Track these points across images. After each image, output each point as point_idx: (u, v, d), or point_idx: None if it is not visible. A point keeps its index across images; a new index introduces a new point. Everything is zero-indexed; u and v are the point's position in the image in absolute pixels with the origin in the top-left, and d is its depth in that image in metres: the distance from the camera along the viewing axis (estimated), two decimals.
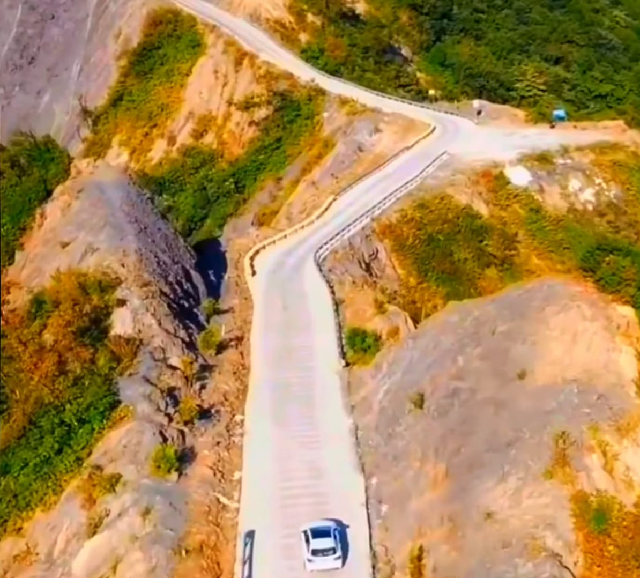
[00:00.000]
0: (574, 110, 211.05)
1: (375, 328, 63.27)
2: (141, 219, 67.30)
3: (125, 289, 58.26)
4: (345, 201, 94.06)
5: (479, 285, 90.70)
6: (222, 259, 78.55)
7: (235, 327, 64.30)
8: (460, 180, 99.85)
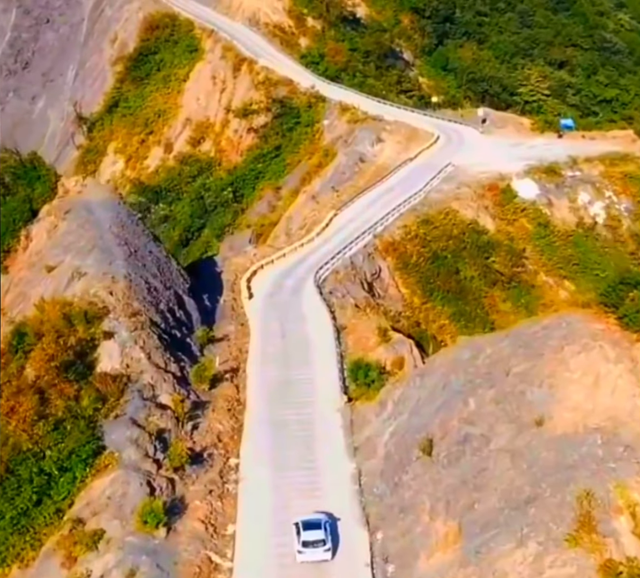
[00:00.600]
0: (579, 116, 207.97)
1: (379, 358, 59.72)
2: (131, 241, 63.69)
3: (113, 320, 54.62)
4: (347, 216, 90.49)
5: (485, 304, 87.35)
6: (217, 280, 74.93)
7: (231, 357, 60.69)
8: (465, 194, 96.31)
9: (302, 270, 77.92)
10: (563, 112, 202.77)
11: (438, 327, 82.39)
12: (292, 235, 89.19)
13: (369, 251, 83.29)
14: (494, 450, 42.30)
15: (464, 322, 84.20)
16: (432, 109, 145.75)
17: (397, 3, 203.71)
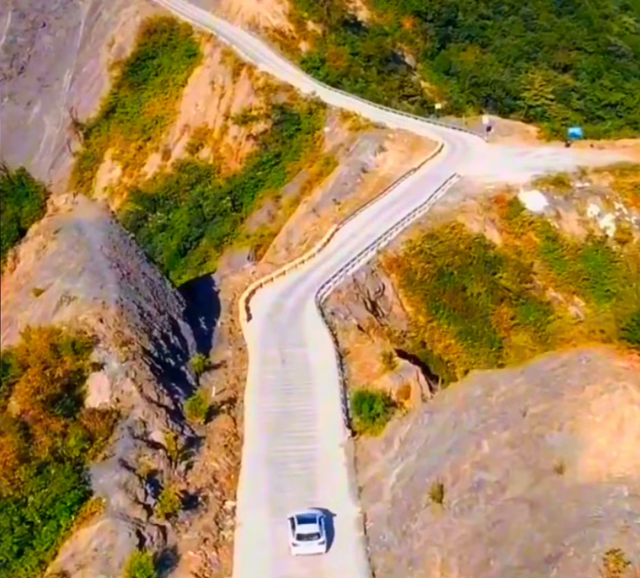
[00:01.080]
0: (584, 120, 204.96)
1: (384, 387, 56.69)
2: (124, 263, 60.64)
3: (103, 350, 51.54)
4: (349, 231, 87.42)
5: (492, 322, 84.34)
6: (215, 301, 71.82)
7: (228, 386, 57.61)
8: (471, 207, 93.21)
9: (302, 289, 74.84)
10: (568, 116, 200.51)
11: (444, 347, 79.43)
12: (293, 250, 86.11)
13: (372, 268, 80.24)
14: (510, 500, 39.23)
15: (470, 341, 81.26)
16: (436, 115, 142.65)
17: (399, 6, 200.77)
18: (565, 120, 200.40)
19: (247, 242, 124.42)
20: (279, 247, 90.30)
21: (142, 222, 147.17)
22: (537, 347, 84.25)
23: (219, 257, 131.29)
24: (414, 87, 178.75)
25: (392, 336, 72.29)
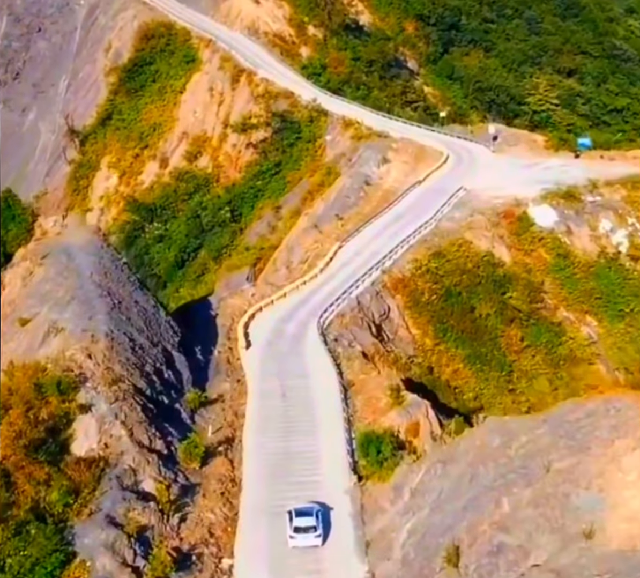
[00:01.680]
0: (589, 126, 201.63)
1: (392, 424, 53.26)
2: (115, 291, 57.16)
3: (91, 390, 48.06)
4: (352, 249, 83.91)
5: (502, 345, 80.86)
6: (212, 326, 68.33)
7: (225, 424, 54.11)
8: (479, 222, 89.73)
9: (304, 312, 71.33)
10: (574, 121, 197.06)
11: (452, 372, 75.99)
12: (294, 269, 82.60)
13: (377, 289, 76.73)
14: (534, 567, 35.73)
15: (479, 365, 77.83)
16: (440, 124, 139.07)
17: (401, 10, 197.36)
18: (571, 125, 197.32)
19: (247, 255, 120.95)
20: (280, 264, 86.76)
21: (139, 233, 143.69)
22: (549, 370, 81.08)
23: (218, 270, 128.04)
24: (417, 92, 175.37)
25: (399, 363, 68.81)
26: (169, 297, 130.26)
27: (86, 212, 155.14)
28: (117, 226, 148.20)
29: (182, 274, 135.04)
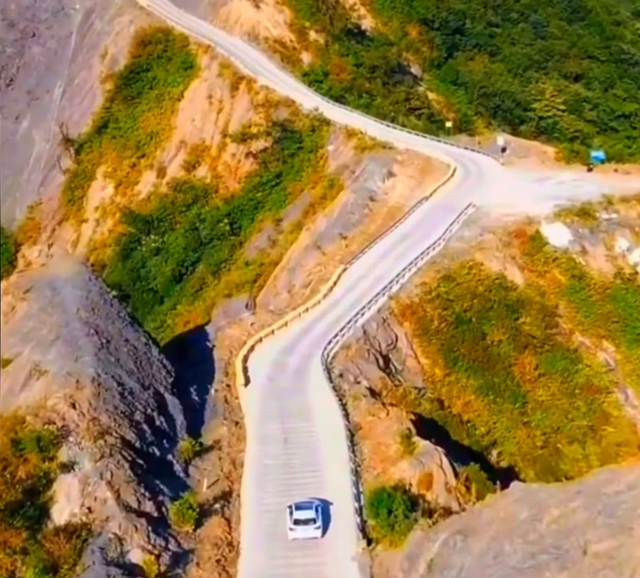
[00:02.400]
0: (596, 132, 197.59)
1: (403, 476, 49.11)
2: (103, 329, 52.92)
3: (74, 445, 43.86)
4: (357, 272, 79.65)
5: (516, 374, 76.60)
6: (209, 360, 64.04)
7: (222, 475, 49.89)
8: (490, 242, 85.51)
9: (307, 343, 67.12)
10: (581, 128, 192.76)
11: (463, 404, 71.77)
12: (295, 294, 78.36)
13: (384, 316, 72.51)
14: None
15: (492, 396, 73.63)
16: (446, 134, 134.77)
17: (404, 14, 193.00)
18: (578, 132, 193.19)
19: (246, 271, 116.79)
20: (280, 287, 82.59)
21: (135, 245, 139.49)
22: (564, 400, 76.88)
23: (217, 286, 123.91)
24: (421, 99, 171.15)
25: (408, 398, 64.55)
26: (165, 313, 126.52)
27: (81, 223, 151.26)
28: (112, 238, 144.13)
29: (180, 288, 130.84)
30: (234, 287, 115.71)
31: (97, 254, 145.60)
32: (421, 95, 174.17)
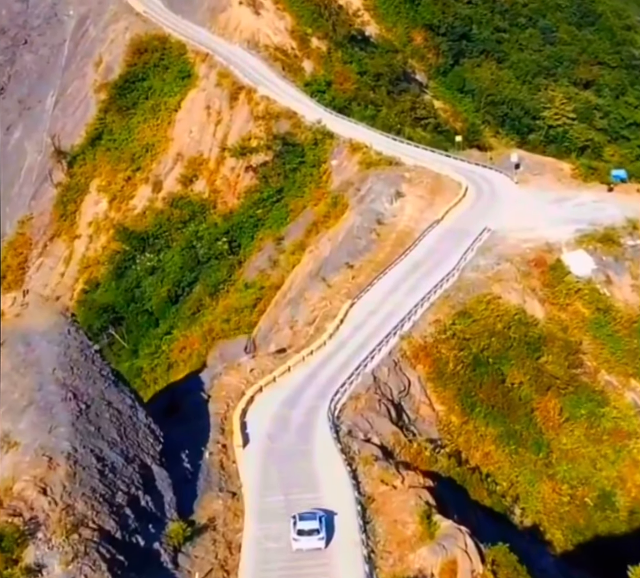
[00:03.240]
0: (607, 141, 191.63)
1: (424, 566, 43.09)
2: (83, 391, 46.81)
3: (43, 544, 37.75)
4: (365, 307, 73.51)
5: (538, 419, 70.48)
6: (203, 415, 57.81)
7: (217, 564, 43.76)
8: (508, 273, 79.38)
9: (312, 393, 61.05)
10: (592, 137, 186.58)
11: (482, 456, 65.70)
12: (298, 332, 72.20)
13: (395, 359, 66.43)
14: None
15: (513, 445, 67.54)
16: (456, 148, 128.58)
17: (409, 19, 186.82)
18: (588, 141, 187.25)
19: (246, 295, 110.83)
20: (282, 322, 76.42)
21: (130, 263, 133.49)
22: (591, 448, 70.77)
23: (215, 308, 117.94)
24: (427, 108, 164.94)
25: (423, 455, 58.49)
26: (160, 338, 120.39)
27: (74, 239, 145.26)
28: (106, 256, 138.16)
29: (176, 310, 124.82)
30: (233, 311, 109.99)
31: (91, 272, 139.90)
32: (427, 104, 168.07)
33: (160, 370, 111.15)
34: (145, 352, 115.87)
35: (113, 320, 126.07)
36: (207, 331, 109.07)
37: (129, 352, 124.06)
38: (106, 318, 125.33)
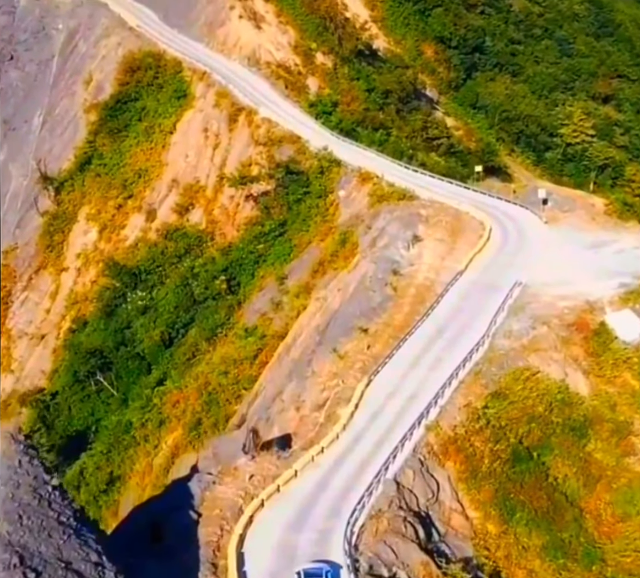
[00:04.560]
0: (628, 159, 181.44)
1: None
2: (33, 551, 36.48)
3: None
4: (383, 387, 63.12)
5: (588, 523, 60.07)
6: (191, 544, 47.38)
7: None
8: (546, 339, 69.09)
9: (323, 509, 50.80)
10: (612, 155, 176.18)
11: (526, 575, 55.31)
12: (306, 417, 61.82)
13: (421, 457, 56.16)
14: None
15: (561, 559, 57.12)
16: (475, 179, 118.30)
17: (419, 32, 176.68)
18: (609, 159, 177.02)
19: (246, 344, 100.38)
20: (287, 401, 65.94)
21: (120, 301, 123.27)
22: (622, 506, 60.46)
23: (212, 355, 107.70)
24: (439, 128, 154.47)
25: None
26: (153, 387, 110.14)
27: (61, 272, 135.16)
28: (95, 291, 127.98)
29: (170, 355, 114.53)
30: (232, 363, 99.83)
31: (79, 309, 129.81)
32: (439, 123, 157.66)
33: (151, 426, 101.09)
34: (135, 405, 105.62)
35: (101, 365, 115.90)
36: (203, 384, 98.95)
37: (118, 400, 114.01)
38: (94, 364, 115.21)
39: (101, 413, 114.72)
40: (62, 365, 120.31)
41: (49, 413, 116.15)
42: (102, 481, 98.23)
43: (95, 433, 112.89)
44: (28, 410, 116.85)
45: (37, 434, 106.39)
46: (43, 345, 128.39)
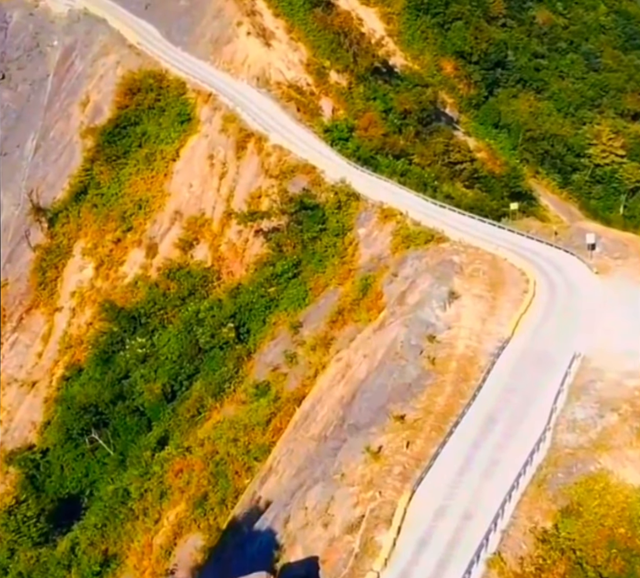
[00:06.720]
0: None
1: None
2: None
3: None
4: (430, 502, 52.04)
5: None
6: None
7: None
8: (618, 433, 58.11)
9: None
10: None
11: None
12: (336, 540, 50.75)
13: None
14: None
15: None
16: (511, 218, 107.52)
17: (437, 46, 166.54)
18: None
19: (256, 407, 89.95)
20: (313, 514, 54.72)
21: (118, 347, 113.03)
22: None
23: (219, 414, 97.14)
24: (462, 151, 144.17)
25: None
26: (153, 448, 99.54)
27: (54, 312, 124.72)
28: (91, 335, 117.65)
29: (172, 410, 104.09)
30: (242, 428, 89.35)
31: (73, 354, 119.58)
32: (461, 146, 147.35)
33: (151, 498, 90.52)
34: (133, 472, 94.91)
35: (97, 421, 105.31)
36: (210, 453, 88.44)
37: (115, 460, 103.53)
38: (88, 420, 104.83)
39: (96, 475, 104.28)
40: (54, 419, 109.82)
41: (39, 473, 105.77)
42: (95, 561, 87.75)
43: (90, 497, 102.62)
44: (16, 470, 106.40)
45: (24, 505, 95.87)
46: (34, 393, 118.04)
